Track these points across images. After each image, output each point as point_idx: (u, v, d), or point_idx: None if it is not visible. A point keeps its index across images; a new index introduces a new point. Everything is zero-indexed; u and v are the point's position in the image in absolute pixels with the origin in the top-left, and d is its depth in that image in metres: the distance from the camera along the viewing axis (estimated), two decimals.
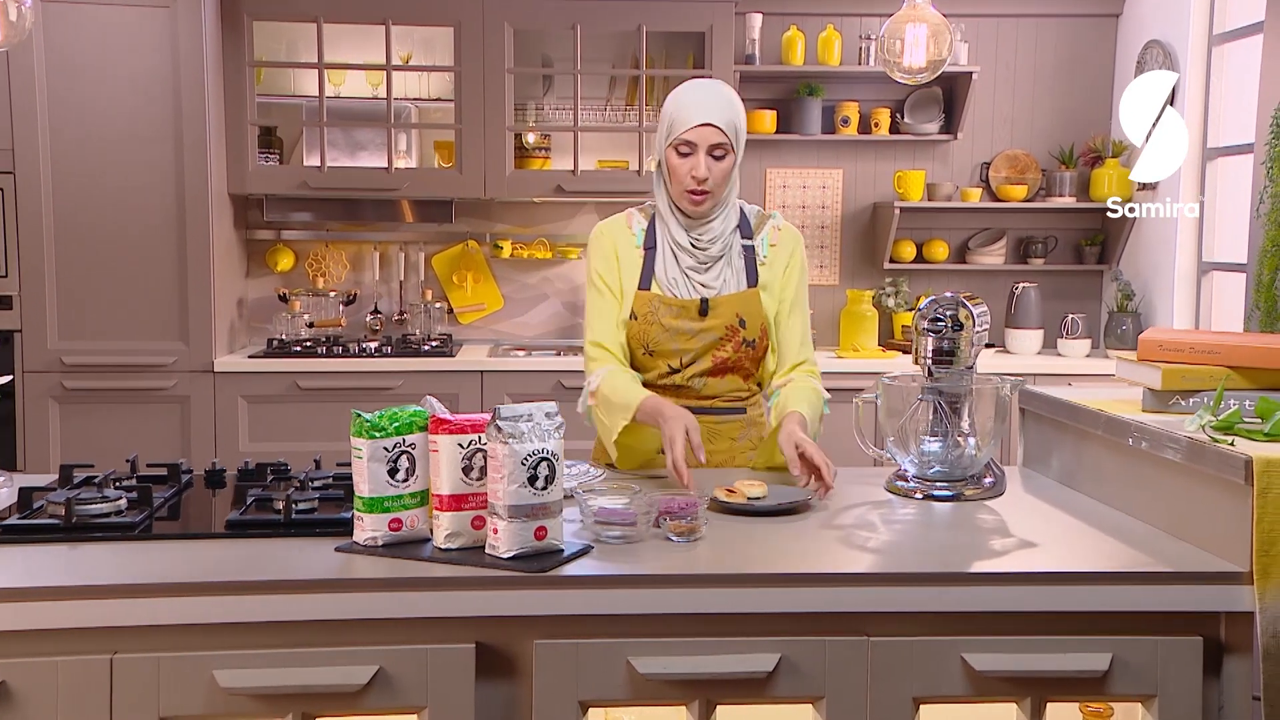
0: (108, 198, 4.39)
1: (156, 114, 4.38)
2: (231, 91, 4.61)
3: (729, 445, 2.55)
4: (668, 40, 5.03)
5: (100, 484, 2.03)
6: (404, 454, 1.81)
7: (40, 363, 4.42)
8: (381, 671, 1.67)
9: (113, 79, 4.35)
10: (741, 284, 2.49)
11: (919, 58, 2.34)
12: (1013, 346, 5.05)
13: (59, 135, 4.35)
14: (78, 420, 4.45)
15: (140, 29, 4.34)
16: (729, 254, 2.49)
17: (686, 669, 1.72)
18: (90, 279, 4.42)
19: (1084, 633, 1.77)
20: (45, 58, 4.31)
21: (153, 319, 4.45)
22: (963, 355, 2.25)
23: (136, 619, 1.64)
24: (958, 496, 2.24)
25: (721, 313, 2.46)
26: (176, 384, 4.47)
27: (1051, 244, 5.28)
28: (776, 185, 5.23)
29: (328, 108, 4.75)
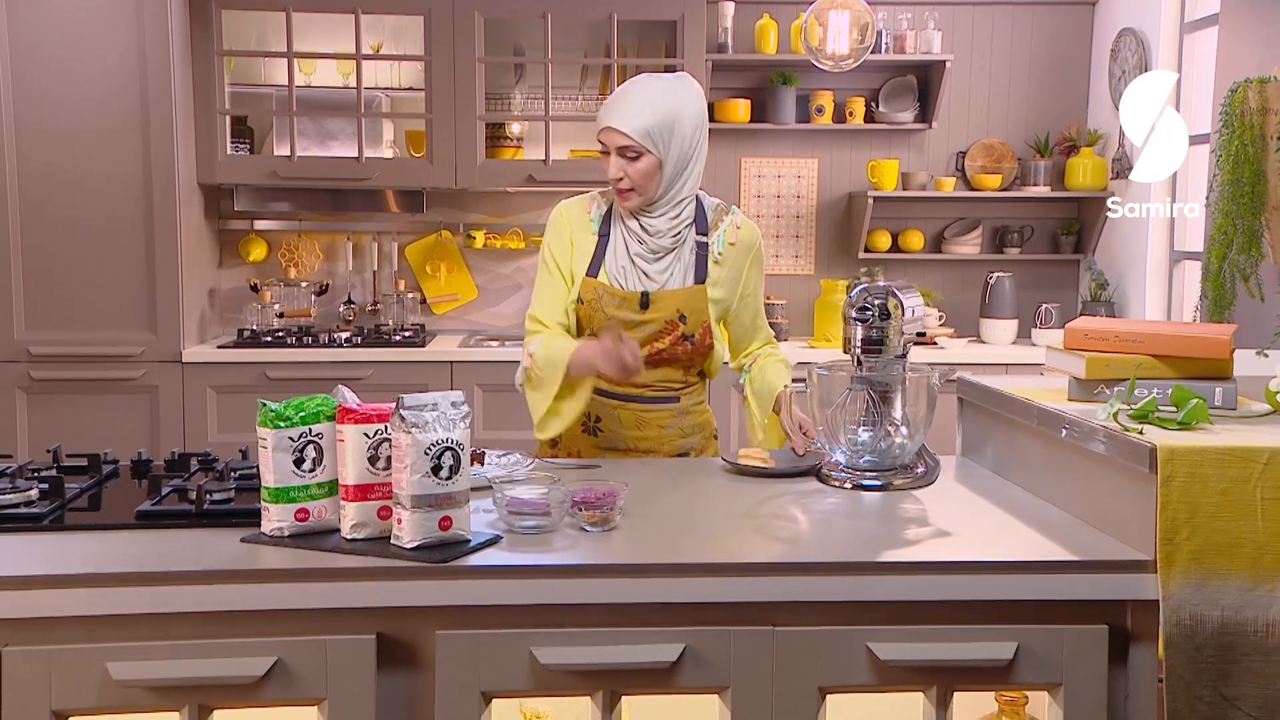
0: (75, 187, 4.39)
1: (124, 103, 4.38)
2: (200, 81, 4.61)
3: (657, 433, 2.56)
4: (640, 29, 5.01)
5: (14, 474, 2.02)
6: (310, 443, 1.80)
7: (7, 353, 4.43)
8: (279, 663, 1.67)
9: (79, 68, 4.34)
10: (688, 280, 2.50)
11: (842, 45, 2.32)
12: (987, 336, 5.04)
13: (24, 124, 4.35)
14: (45, 410, 4.46)
15: (106, 17, 4.34)
16: (680, 248, 2.50)
17: (589, 659, 1.72)
18: (57, 269, 4.42)
19: (990, 622, 1.76)
20: (9, 45, 4.31)
21: (121, 309, 4.46)
22: (891, 345, 2.23)
23: (28, 611, 1.64)
24: (886, 486, 2.23)
25: (662, 307, 2.48)
26: (145, 374, 4.47)
27: (1028, 233, 5.26)
28: (751, 174, 5.22)
29: (298, 97, 4.74)
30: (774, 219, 5.24)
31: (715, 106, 5.03)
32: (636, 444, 2.54)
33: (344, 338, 4.73)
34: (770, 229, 5.24)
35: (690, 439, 2.61)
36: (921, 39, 4.99)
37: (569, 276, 2.53)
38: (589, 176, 4.85)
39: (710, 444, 2.68)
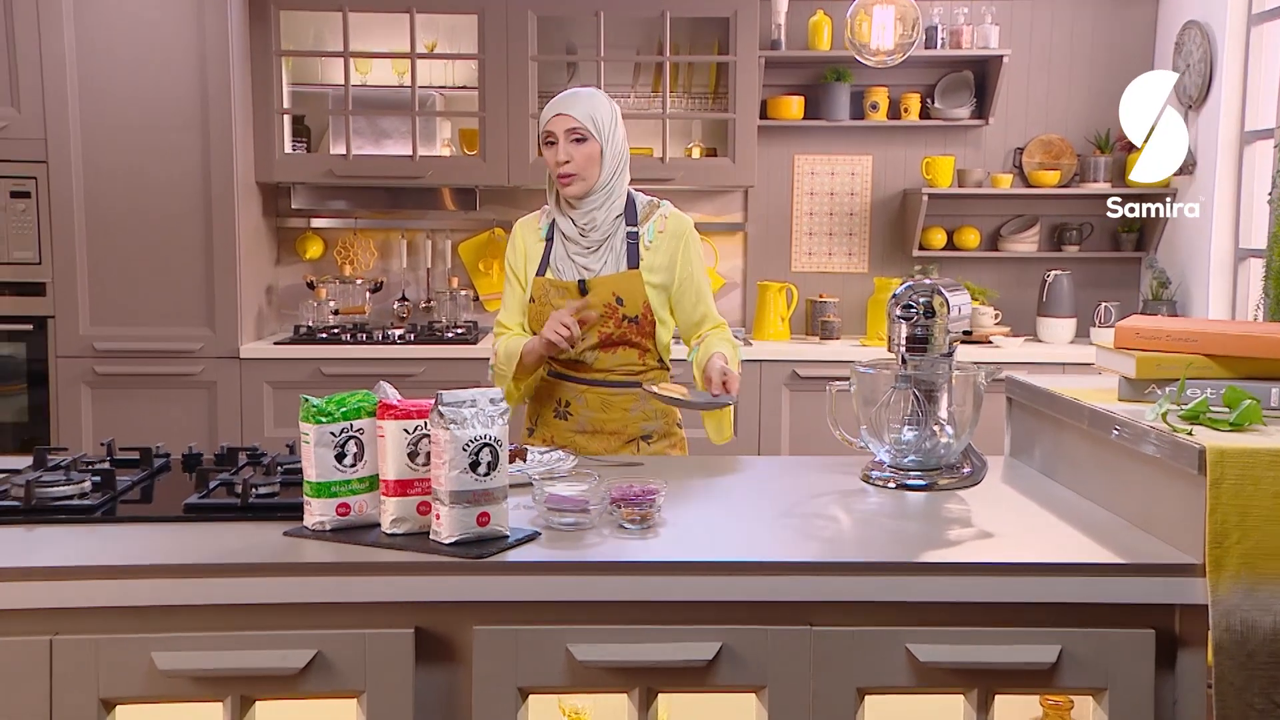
0: (137, 186, 4.48)
1: (184, 103, 4.46)
2: (259, 80, 4.68)
3: (622, 415, 2.73)
4: (692, 26, 5.00)
5: (68, 467, 2.07)
6: (351, 439, 1.82)
7: (72, 348, 4.53)
8: (320, 655, 1.69)
9: (142, 68, 4.43)
10: (621, 266, 2.70)
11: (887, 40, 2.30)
12: (1044, 335, 4.96)
13: (89, 125, 4.44)
14: (109, 405, 4.55)
15: (168, 19, 4.42)
16: (611, 239, 2.71)
17: (625, 657, 1.72)
18: (121, 266, 4.51)
19: (1033, 624, 1.74)
20: (76, 48, 4.40)
21: (181, 306, 4.54)
22: (937, 343, 2.21)
23: (77, 600, 1.67)
24: (930, 486, 2.20)
25: (599, 292, 2.69)
26: (204, 370, 4.55)
27: (1087, 231, 5.17)
28: (804, 172, 5.18)
29: (354, 96, 4.80)
30: (827, 216, 5.20)
31: (768, 104, 5.01)
32: (603, 425, 2.72)
33: (397, 334, 4.77)
34: (823, 226, 5.21)
35: (653, 422, 2.76)
36: (978, 34, 4.92)
37: (524, 282, 2.79)
38: (640, 174, 4.83)
39: (674, 431, 2.83)
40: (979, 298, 5.03)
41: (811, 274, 5.22)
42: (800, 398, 4.63)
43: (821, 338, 4.92)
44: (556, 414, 2.74)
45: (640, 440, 2.71)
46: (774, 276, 5.17)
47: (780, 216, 5.22)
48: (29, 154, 4.46)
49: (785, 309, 4.98)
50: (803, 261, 5.22)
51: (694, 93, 5.12)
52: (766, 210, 5.20)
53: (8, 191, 4.48)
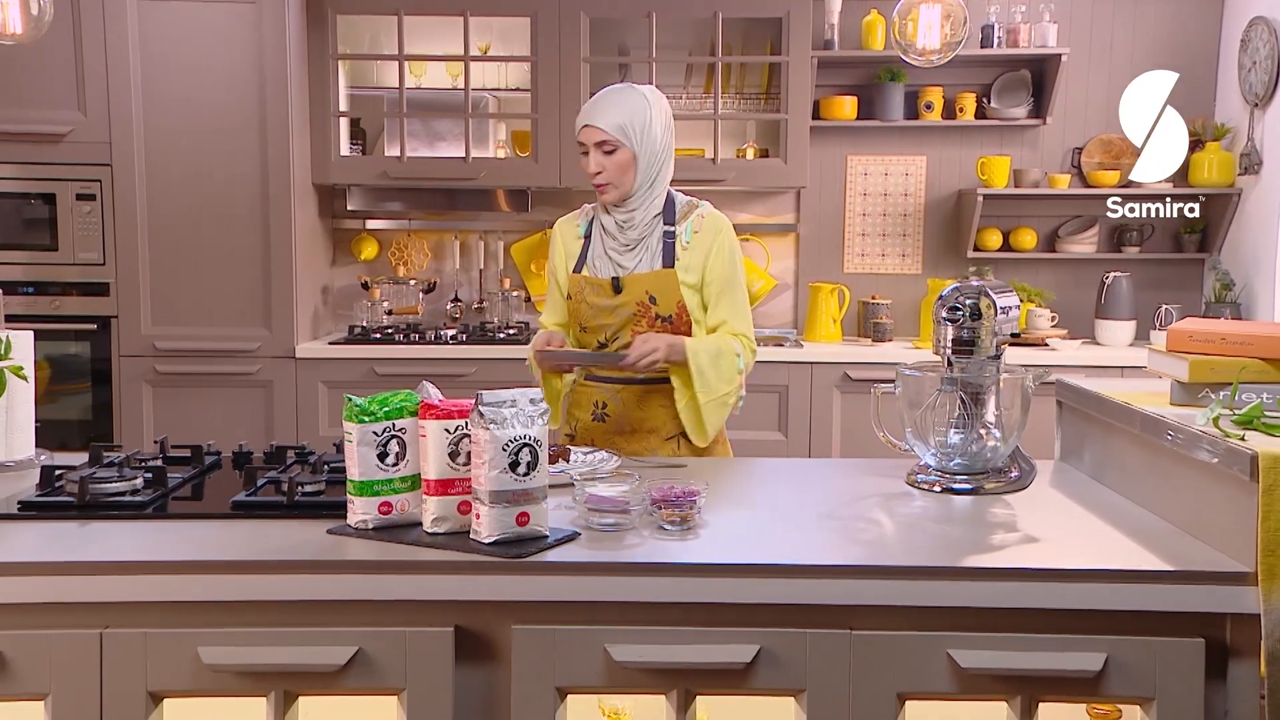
0: (198, 188, 4.56)
1: (243, 107, 4.53)
2: (316, 83, 4.74)
3: (660, 412, 2.71)
4: (745, 26, 4.99)
5: (121, 464, 2.11)
6: (394, 438, 1.84)
7: (135, 347, 4.62)
8: (361, 653, 1.71)
9: (203, 73, 4.51)
10: (655, 265, 2.68)
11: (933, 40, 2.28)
12: (1102, 338, 4.88)
13: (152, 129, 4.54)
14: (169, 403, 4.64)
15: (228, 24, 4.49)
16: (649, 238, 2.70)
17: (663, 658, 1.72)
18: (181, 267, 4.60)
19: (1078, 631, 1.71)
20: (140, 54, 4.49)
21: (239, 306, 4.62)
22: (983, 345, 2.18)
23: (127, 595, 1.70)
24: (977, 490, 2.18)
25: (633, 290, 2.67)
26: (261, 369, 4.62)
27: (1148, 232, 5.08)
28: (858, 173, 5.15)
29: (409, 99, 4.84)
30: (880, 217, 5.16)
31: (821, 104, 4.98)
32: (641, 424, 2.71)
33: (449, 335, 4.81)
34: (876, 227, 5.17)
35: None
36: (1036, 32, 4.85)
37: (563, 282, 2.80)
38: (692, 175, 4.85)
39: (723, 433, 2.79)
40: (1035, 299, 4.96)
41: (864, 275, 5.18)
42: (851, 400, 4.60)
43: (874, 339, 4.88)
44: (595, 417, 2.74)
45: (680, 437, 2.69)
46: (826, 278, 5.13)
47: (833, 217, 5.18)
48: (94, 158, 4.56)
49: (837, 310, 4.95)
50: (855, 263, 5.19)
51: (746, 93, 5.10)
52: (819, 211, 5.17)
53: (74, 194, 4.59)
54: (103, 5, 4.47)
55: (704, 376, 2.59)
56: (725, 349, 2.64)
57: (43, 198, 4.60)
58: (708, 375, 2.60)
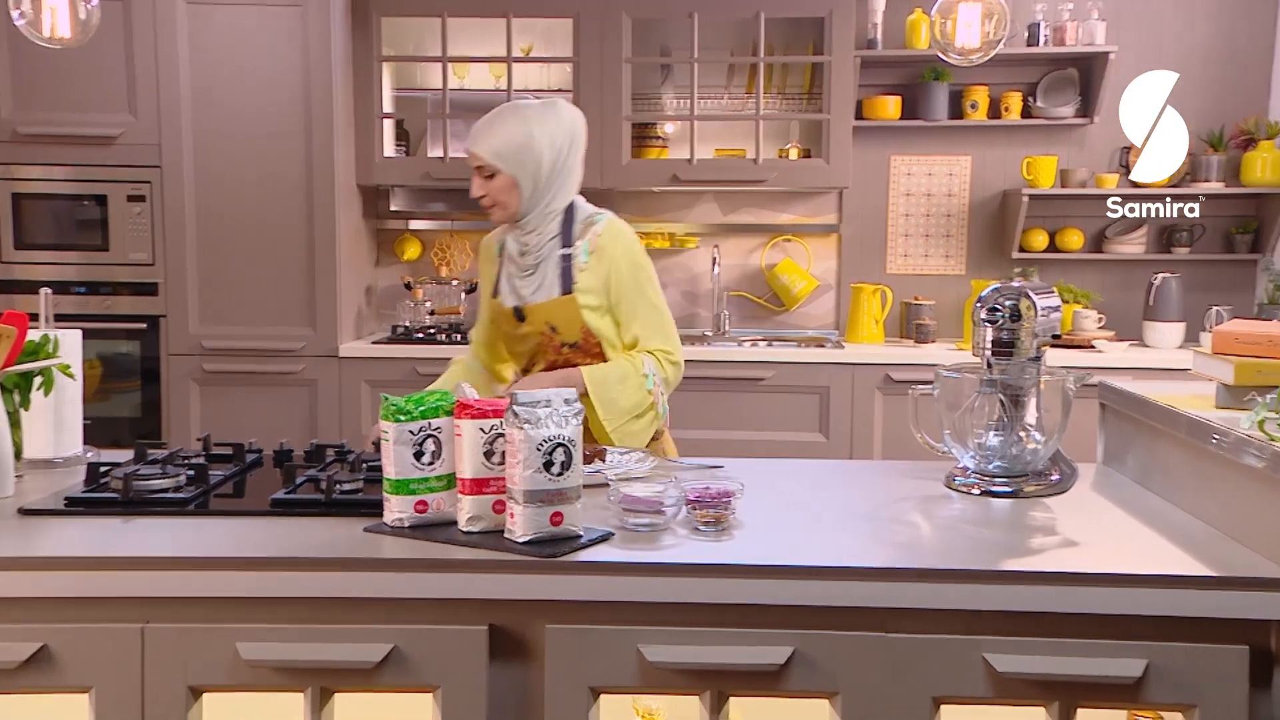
0: (244, 190, 4.62)
1: (289, 109, 4.59)
2: (360, 85, 4.79)
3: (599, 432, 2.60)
4: (787, 26, 4.97)
5: (165, 461, 2.14)
6: (430, 437, 1.85)
7: (183, 346, 4.69)
8: (396, 650, 1.72)
9: (250, 76, 4.57)
10: (554, 292, 2.62)
11: (973, 39, 2.26)
12: (1150, 340, 4.81)
13: (201, 131, 4.60)
14: (216, 401, 4.70)
15: (275, 28, 4.55)
16: (546, 262, 2.63)
17: (696, 659, 1.72)
18: (228, 267, 4.66)
19: (1118, 637, 1.69)
20: (189, 57, 4.56)
21: (284, 306, 4.67)
22: (1023, 347, 2.16)
23: (169, 590, 1.73)
24: (1016, 493, 2.15)
25: (534, 320, 2.64)
26: (305, 368, 4.67)
27: (1198, 232, 5.00)
28: (901, 173, 5.11)
29: (452, 100, 4.88)
30: (924, 218, 5.12)
31: (864, 104, 4.95)
32: None
33: None
34: (919, 228, 5.13)
35: None
36: (1084, 30, 4.80)
37: (487, 300, 2.78)
38: (733, 175, 4.85)
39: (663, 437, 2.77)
40: (1081, 301, 4.90)
41: (907, 276, 5.14)
42: (893, 402, 4.56)
43: (916, 341, 4.85)
44: None
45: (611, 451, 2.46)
46: (868, 278, 5.10)
47: (875, 218, 5.15)
48: (144, 159, 4.63)
49: (879, 311, 4.91)
50: (898, 263, 5.15)
51: (788, 93, 5.09)
52: (861, 211, 5.14)
53: (124, 195, 4.67)
54: (154, 10, 4.54)
55: (608, 406, 2.53)
56: (630, 372, 2.56)
57: (95, 199, 4.68)
58: (612, 403, 2.54)
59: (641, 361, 2.59)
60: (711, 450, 3.12)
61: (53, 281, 4.62)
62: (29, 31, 2.45)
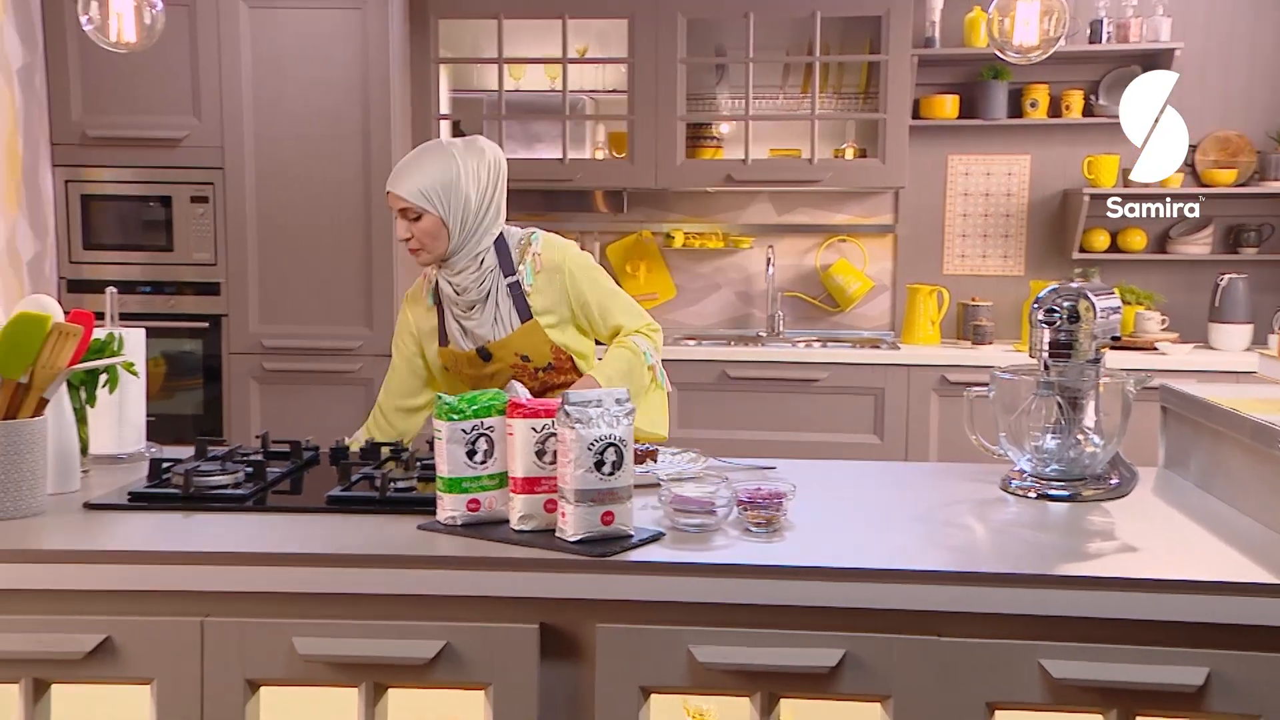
0: (303, 191, 4.68)
1: (347, 110, 4.64)
2: (418, 87, 4.84)
3: None
4: (844, 25, 4.95)
5: (224, 458, 2.18)
6: (482, 436, 1.87)
7: (243, 345, 4.77)
8: (448, 647, 1.73)
9: (309, 78, 4.63)
10: (514, 323, 2.60)
11: (1030, 36, 2.22)
12: (1216, 342, 4.72)
13: (262, 133, 4.67)
14: (275, 398, 4.77)
15: (334, 30, 4.61)
16: (494, 296, 2.59)
17: (747, 660, 1.71)
18: (287, 267, 4.73)
19: (1178, 644, 1.66)
20: (251, 61, 4.63)
21: (342, 305, 4.73)
22: (1081, 349, 2.13)
23: (227, 585, 1.76)
24: (1074, 497, 2.12)
25: (502, 355, 2.61)
26: (362, 367, 4.73)
27: (1266, 232, 4.89)
28: (958, 172, 5.06)
29: (508, 101, 4.91)
30: (982, 218, 5.07)
31: (921, 103, 4.91)
32: None
33: None
34: (977, 228, 5.07)
35: None
36: (1148, 26, 4.72)
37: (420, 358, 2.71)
38: (787, 175, 4.83)
39: None
40: (1144, 302, 4.81)
41: (964, 277, 5.09)
42: (950, 404, 4.52)
43: (973, 342, 4.79)
44: None
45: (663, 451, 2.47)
46: (924, 279, 5.06)
47: (932, 218, 5.11)
48: (208, 161, 4.71)
49: (935, 312, 4.87)
50: (955, 264, 5.10)
51: (844, 93, 5.06)
52: (918, 211, 5.10)
53: (188, 197, 4.75)
54: (217, 15, 4.62)
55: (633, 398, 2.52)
56: (634, 361, 2.58)
57: (160, 200, 4.77)
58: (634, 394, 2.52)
59: (635, 344, 2.61)
60: (765, 451, 3.11)
61: (119, 281, 4.71)
62: (96, 36, 2.51)
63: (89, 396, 2.21)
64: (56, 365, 1.93)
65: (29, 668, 1.77)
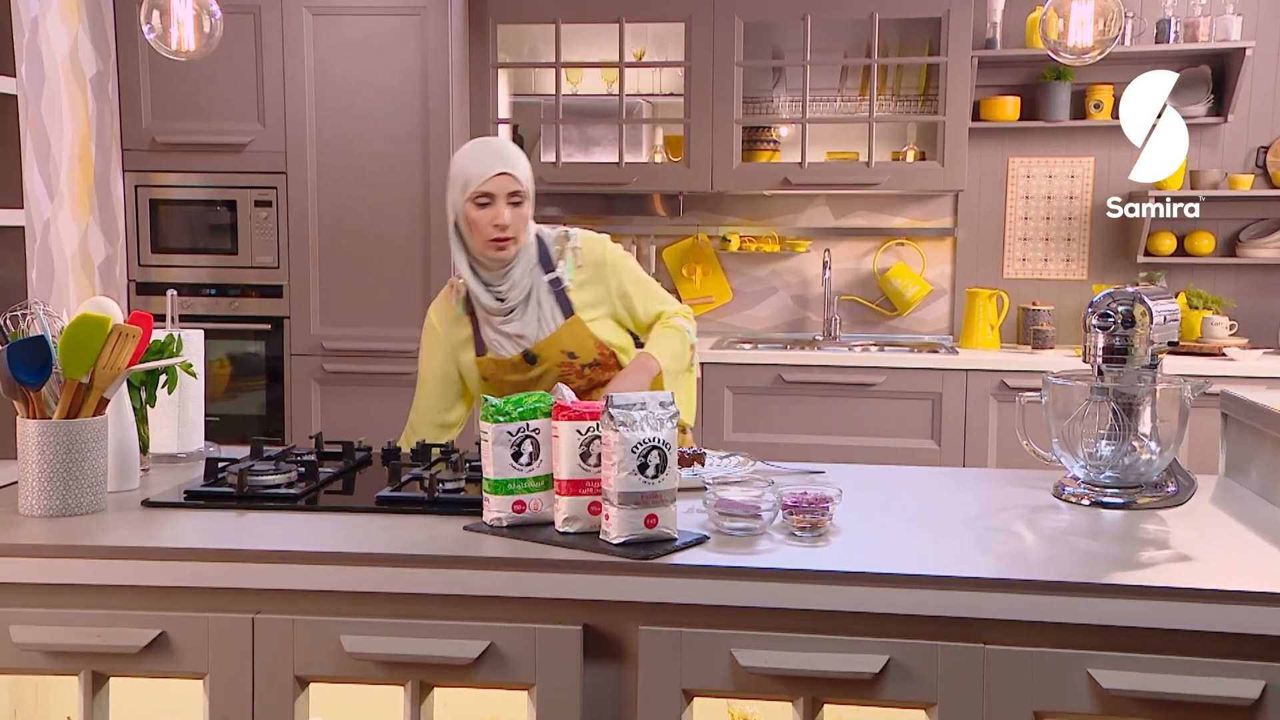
0: (364, 196, 4.75)
1: (407, 115, 4.70)
2: (476, 92, 4.88)
3: None
4: (902, 27, 4.91)
5: (278, 458, 2.22)
6: (528, 438, 1.88)
7: (305, 347, 4.84)
8: (492, 647, 1.75)
9: (370, 84, 4.69)
10: (557, 320, 2.56)
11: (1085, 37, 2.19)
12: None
13: (324, 138, 4.74)
14: (335, 400, 4.84)
15: (394, 36, 4.67)
16: (535, 295, 2.56)
17: (790, 665, 1.70)
18: (348, 270, 4.79)
19: (1232, 656, 1.62)
20: (314, 67, 4.71)
21: (401, 308, 4.78)
22: (1137, 354, 2.09)
23: (278, 582, 1.79)
24: (1129, 505, 2.08)
25: (548, 355, 2.57)
26: None
27: None
28: (1019, 175, 4.99)
29: (565, 105, 4.94)
30: (1043, 220, 4.99)
31: (981, 105, 4.85)
32: None
33: None
34: (1039, 231, 5.00)
35: None
36: (1218, 26, 4.62)
37: (468, 371, 2.65)
38: (844, 179, 4.80)
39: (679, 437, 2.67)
40: (1211, 306, 4.71)
41: (1025, 280, 5.02)
42: (1009, 409, 4.45)
43: (1034, 347, 4.73)
44: None
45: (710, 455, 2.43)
46: (984, 283, 5.00)
47: (992, 221, 5.04)
48: (271, 165, 4.80)
49: (995, 317, 4.81)
50: (1015, 268, 5.03)
51: (903, 95, 5.02)
52: (978, 215, 5.04)
53: (252, 200, 4.84)
54: (281, 22, 4.70)
55: (675, 378, 2.56)
56: (681, 342, 2.60)
57: (225, 204, 4.87)
58: (678, 373, 2.57)
59: (680, 324, 2.63)
60: (820, 456, 3.09)
61: (184, 284, 4.82)
62: (158, 45, 2.57)
63: (149, 396, 2.26)
64: (116, 366, 1.98)
65: (89, 660, 1.81)
